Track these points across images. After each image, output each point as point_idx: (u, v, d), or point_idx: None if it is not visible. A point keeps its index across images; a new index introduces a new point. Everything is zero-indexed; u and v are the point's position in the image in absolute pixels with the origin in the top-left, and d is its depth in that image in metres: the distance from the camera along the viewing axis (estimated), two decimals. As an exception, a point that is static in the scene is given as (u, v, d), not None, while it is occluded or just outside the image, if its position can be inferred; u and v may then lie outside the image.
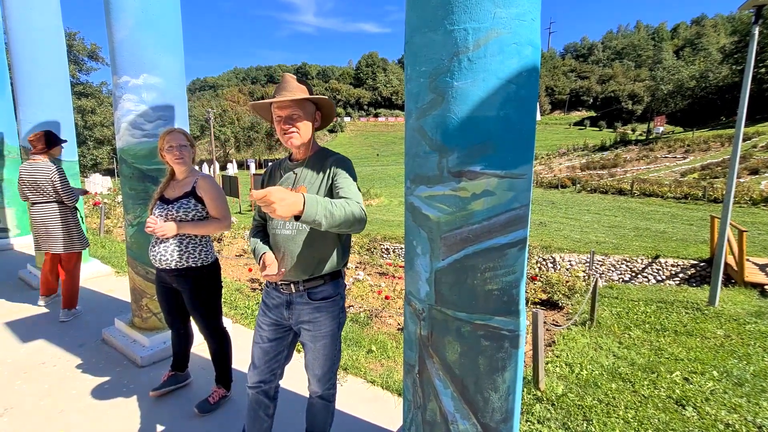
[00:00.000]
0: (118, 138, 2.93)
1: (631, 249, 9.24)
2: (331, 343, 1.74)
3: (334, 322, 1.73)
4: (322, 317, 1.70)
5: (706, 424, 2.77)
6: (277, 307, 1.75)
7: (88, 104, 35.47)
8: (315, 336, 1.71)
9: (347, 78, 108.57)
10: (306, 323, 1.71)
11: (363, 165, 50.91)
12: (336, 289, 1.74)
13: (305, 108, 1.63)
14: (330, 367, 1.79)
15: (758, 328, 4.75)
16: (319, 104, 1.71)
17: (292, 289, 1.69)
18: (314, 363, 1.77)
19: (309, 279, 1.67)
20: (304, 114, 1.62)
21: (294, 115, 1.60)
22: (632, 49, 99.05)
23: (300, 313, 1.70)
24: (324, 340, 1.72)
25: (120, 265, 5.29)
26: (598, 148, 36.57)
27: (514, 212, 1.25)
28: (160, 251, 2.16)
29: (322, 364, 1.76)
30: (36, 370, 2.83)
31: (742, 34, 41.31)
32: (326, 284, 1.71)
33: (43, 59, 4.52)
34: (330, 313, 1.71)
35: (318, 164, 1.67)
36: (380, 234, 10.89)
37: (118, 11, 2.72)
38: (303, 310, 1.70)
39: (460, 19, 1.16)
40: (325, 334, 1.72)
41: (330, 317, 1.71)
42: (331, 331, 1.73)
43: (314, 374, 1.79)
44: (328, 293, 1.71)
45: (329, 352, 1.75)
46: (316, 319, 1.70)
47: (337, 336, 1.77)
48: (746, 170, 20.45)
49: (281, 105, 1.60)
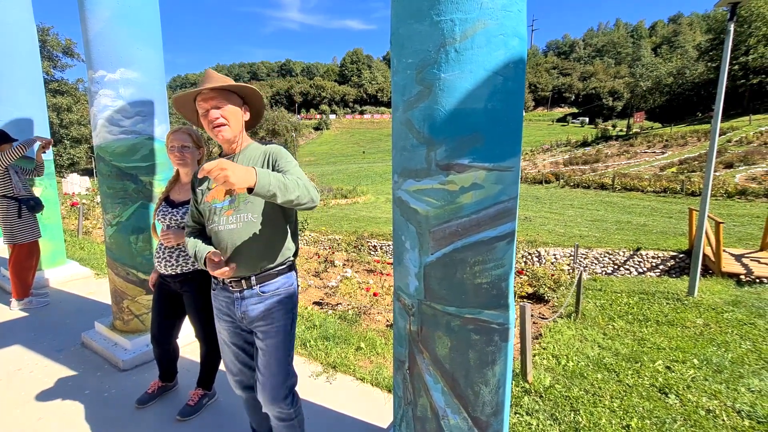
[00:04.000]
0: (94, 135, 2.83)
1: (613, 242, 9.44)
2: (284, 346, 1.65)
3: (287, 316, 1.66)
4: (275, 311, 1.62)
5: (688, 411, 2.85)
6: (228, 307, 1.67)
7: (64, 102, 34.29)
8: (267, 332, 1.62)
9: (332, 75, 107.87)
10: (258, 320, 1.62)
11: (349, 162, 50.71)
12: (288, 279, 1.67)
13: (230, 99, 1.56)
14: (284, 375, 1.65)
15: (735, 317, 4.91)
16: (245, 95, 1.62)
17: (243, 285, 1.60)
18: (266, 367, 1.63)
19: (260, 273, 1.60)
20: (229, 104, 1.55)
21: (219, 105, 1.52)
22: (612, 47, 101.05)
23: (252, 310, 1.62)
24: (276, 338, 1.62)
25: (100, 267, 5.14)
26: (580, 144, 37.22)
27: (503, 205, 1.25)
28: (165, 257, 2.12)
29: (275, 371, 1.63)
30: (12, 377, 2.72)
31: (717, 31, 42.47)
32: (278, 276, 1.64)
33: (13, 55, 4.33)
34: (283, 305, 1.64)
35: (253, 156, 1.59)
36: (367, 231, 10.87)
37: (93, 3, 2.61)
38: (255, 306, 1.61)
39: (446, 9, 1.14)
40: (277, 329, 1.63)
41: (283, 311, 1.64)
42: (284, 326, 1.65)
43: (267, 389, 1.62)
44: (280, 284, 1.64)
45: (281, 357, 1.64)
46: (268, 314, 1.62)
47: (290, 335, 1.69)
48: (722, 164, 21.06)
49: (205, 96, 1.52)
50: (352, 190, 22.22)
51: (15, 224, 3.61)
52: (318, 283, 5.67)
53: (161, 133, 2.91)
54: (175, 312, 2.30)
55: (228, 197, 1.54)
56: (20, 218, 3.62)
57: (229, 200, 1.55)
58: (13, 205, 3.58)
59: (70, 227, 8.29)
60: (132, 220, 2.86)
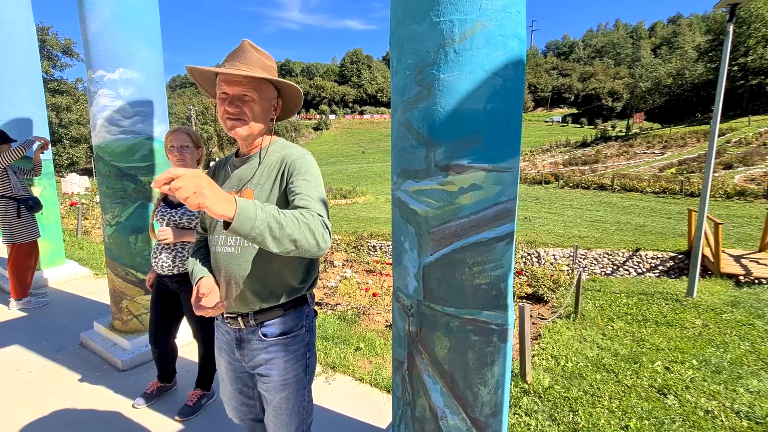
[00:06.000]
0: (94, 135, 2.83)
1: (612, 243, 9.44)
2: (296, 396, 1.33)
3: (298, 364, 1.33)
4: (281, 359, 1.30)
5: (687, 411, 2.85)
6: (228, 345, 1.38)
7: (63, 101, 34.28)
8: (273, 386, 1.30)
9: (332, 75, 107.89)
10: (261, 367, 1.31)
11: (348, 162, 50.70)
12: (299, 320, 1.34)
13: (262, 90, 1.23)
14: (297, 423, 1.36)
15: (734, 317, 4.91)
16: (281, 89, 1.30)
17: (240, 323, 1.29)
18: (275, 419, 1.34)
19: (261, 310, 1.28)
20: (259, 98, 1.22)
21: (246, 96, 1.19)
22: (612, 48, 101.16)
23: (253, 355, 1.31)
24: (285, 391, 1.31)
25: (99, 267, 5.14)
26: (579, 145, 37.25)
27: (502, 206, 1.25)
28: (162, 257, 2.11)
29: (285, 421, 1.33)
30: (10, 377, 2.72)
31: (717, 32, 42.56)
32: (285, 315, 1.30)
33: (12, 54, 4.33)
34: (292, 353, 1.31)
35: (272, 162, 1.28)
36: (367, 231, 10.87)
37: (92, 3, 2.61)
38: (256, 350, 1.30)
39: (445, 10, 1.14)
40: (286, 382, 1.31)
41: (292, 359, 1.31)
42: (296, 377, 1.32)
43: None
44: (287, 327, 1.31)
45: (293, 407, 1.33)
46: (273, 363, 1.30)
47: (304, 384, 1.36)
48: (720, 165, 21.09)
49: (230, 79, 1.18)
50: (351, 191, 22.21)
51: (14, 224, 3.63)
52: (317, 284, 5.66)
53: (160, 133, 2.91)
54: (174, 312, 2.30)
55: None
56: (19, 218, 3.63)
57: None
58: (12, 205, 3.60)
59: (69, 227, 8.28)
60: (131, 220, 2.86)
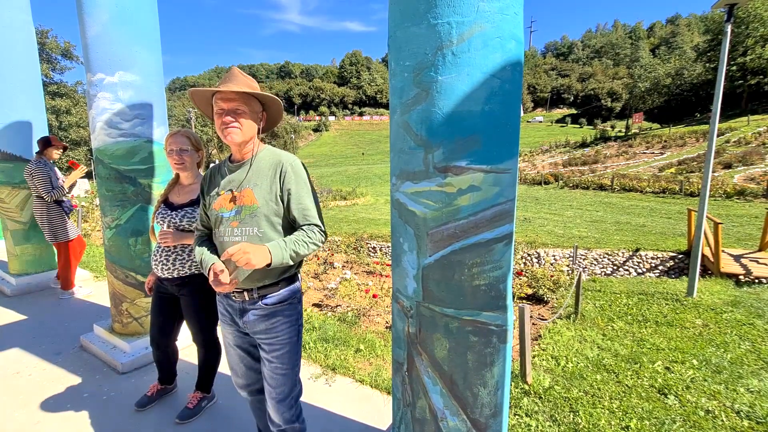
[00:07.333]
0: (93, 138, 2.83)
1: (612, 243, 9.44)
2: (290, 355, 1.64)
3: (292, 328, 1.64)
4: (279, 323, 1.61)
5: (687, 411, 2.85)
6: (232, 316, 1.67)
7: (63, 104, 34.28)
8: (272, 345, 1.61)
9: (331, 77, 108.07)
10: (262, 332, 1.61)
11: (348, 164, 50.72)
12: (292, 292, 1.65)
13: (250, 104, 1.53)
14: (290, 386, 1.67)
15: (734, 317, 4.91)
16: (265, 103, 1.60)
17: (245, 296, 1.60)
18: (272, 380, 1.64)
19: (263, 286, 1.58)
20: (248, 110, 1.52)
21: (238, 109, 1.49)
22: (610, 48, 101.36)
23: (255, 322, 1.61)
24: (282, 350, 1.62)
25: (99, 270, 5.14)
26: (579, 145, 37.26)
27: (500, 207, 1.25)
28: (162, 260, 2.11)
29: (281, 381, 1.64)
30: (10, 380, 2.72)
31: (715, 32, 42.66)
32: (281, 288, 1.62)
33: (12, 57, 4.34)
34: (287, 318, 1.62)
35: (264, 165, 1.56)
36: (366, 232, 10.87)
37: (91, 6, 2.62)
38: (257, 317, 1.60)
39: (443, 12, 1.15)
40: (282, 342, 1.61)
41: (288, 323, 1.62)
42: (289, 338, 1.63)
43: (273, 398, 1.66)
44: (283, 296, 1.62)
45: (288, 363, 1.64)
46: (272, 326, 1.60)
47: (296, 346, 1.67)
48: (720, 164, 21.09)
49: (225, 97, 1.48)
50: (351, 192, 22.23)
51: (58, 224, 4.00)
52: (317, 285, 5.66)
53: (160, 135, 2.91)
54: (174, 314, 2.30)
55: (234, 207, 1.53)
56: (59, 219, 4.01)
57: (235, 210, 1.54)
58: (52, 207, 3.98)
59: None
60: (131, 222, 2.86)
